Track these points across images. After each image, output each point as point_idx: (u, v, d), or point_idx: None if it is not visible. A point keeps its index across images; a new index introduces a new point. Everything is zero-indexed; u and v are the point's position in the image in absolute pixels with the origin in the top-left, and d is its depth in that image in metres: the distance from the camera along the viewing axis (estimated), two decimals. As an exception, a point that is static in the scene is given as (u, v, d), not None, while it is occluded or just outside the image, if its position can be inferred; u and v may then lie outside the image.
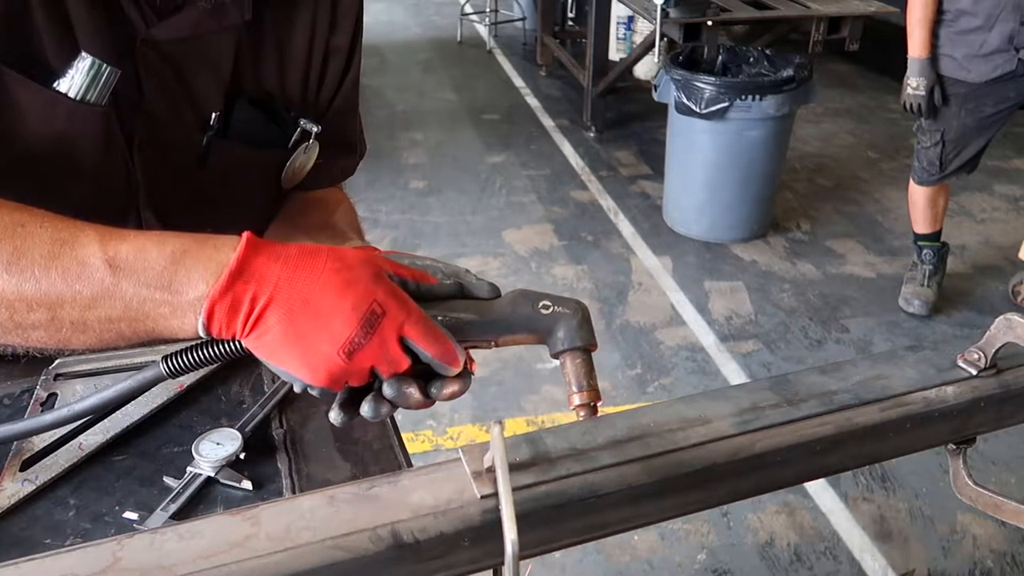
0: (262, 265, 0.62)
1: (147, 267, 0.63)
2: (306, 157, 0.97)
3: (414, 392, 0.66)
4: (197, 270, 0.62)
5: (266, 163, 0.96)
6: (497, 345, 0.70)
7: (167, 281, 0.62)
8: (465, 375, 0.68)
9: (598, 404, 0.69)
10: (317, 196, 1.06)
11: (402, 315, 0.63)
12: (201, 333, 0.63)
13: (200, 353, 0.65)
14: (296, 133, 0.95)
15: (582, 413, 0.68)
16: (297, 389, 0.65)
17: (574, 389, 0.68)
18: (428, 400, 0.67)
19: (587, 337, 0.69)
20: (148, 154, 0.87)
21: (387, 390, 0.65)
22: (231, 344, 0.64)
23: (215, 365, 0.67)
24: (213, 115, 0.88)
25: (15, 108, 0.76)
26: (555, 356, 0.70)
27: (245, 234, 0.63)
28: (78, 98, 0.77)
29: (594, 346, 0.70)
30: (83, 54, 0.76)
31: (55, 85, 0.77)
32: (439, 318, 0.67)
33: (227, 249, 0.63)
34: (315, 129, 0.95)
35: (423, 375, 0.67)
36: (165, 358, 0.66)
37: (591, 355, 0.70)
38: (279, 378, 0.76)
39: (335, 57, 0.97)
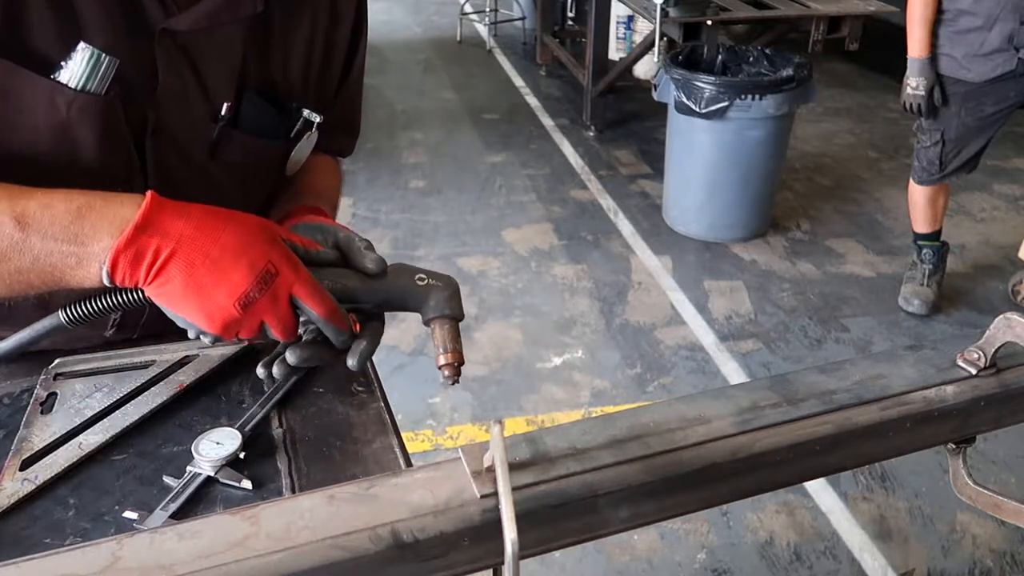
0: (167, 221, 0.68)
1: (54, 222, 0.69)
2: (308, 145, 1.00)
3: (316, 353, 0.77)
4: (103, 224, 0.68)
5: (272, 153, 0.98)
6: (378, 310, 0.79)
7: (74, 234, 0.68)
8: (374, 330, 0.78)
9: (461, 366, 0.76)
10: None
11: (292, 275, 0.71)
12: (105, 282, 0.68)
13: (101, 302, 0.71)
14: (299, 123, 0.97)
15: (446, 372, 0.75)
16: (191, 335, 0.72)
17: (440, 351, 0.75)
18: (332, 354, 0.78)
19: (455, 309, 0.77)
20: (160, 144, 0.88)
21: (291, 357, 0.77)
22: (133, 293, 0.70)
23: (115, 315, 0.74)
24: (224, 106, 0.89)
25: (14, 99, 0.77)
26: (426, 323, 0.77)
27: (149, 192, 0.69)
28: (78, 88, 0.78)
29: (461, 317, 0.77)
30: (82, 44, 0.77)
31: (55, 76, 0.77)
32: (325, 283, 0.74)
33: (132, 205, 0.69)
34: (317, 119, 0.97)
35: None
36: (64, 306, 0.72)
37: (457, 324, 0.77)
38: (278, 378, 0.80)
39: (337, 49, 0.99)
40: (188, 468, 0.81)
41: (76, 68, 0.77)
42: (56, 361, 0.94)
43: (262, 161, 0.98)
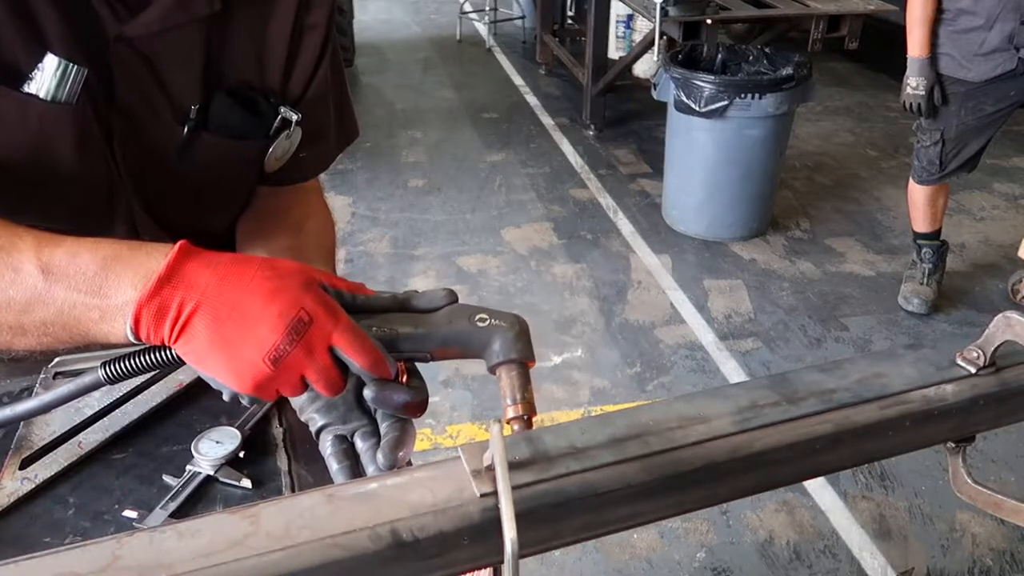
0: (192, 271, 0.62)
1: (78, 272, 0.64)
2: (289, 143, 0.97)
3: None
4: (127, 275, 0.63)
5: (248, 152, 0.96)
6: (434, 358, 0.69)
7: (97, 286, 0.63)
8: (419, 388, 0.70)
9: (533, 418, 0.67)
10: (291, 216, 1.05)
11: (330, 324, 0.63)
12: (130, 338, 0.63)
13: (136, 360, 0.65)
14: (277, 121, 0.95)
15: (516, 426, 0.66)
16: (226, 397, 0.65)
17: (508, 402, 0.66)
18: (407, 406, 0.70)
19: (524, 350, 0.68)
20: (129, 149, 0.87)
21: (382, 460, 0.71)
22: (165, 352, 0.64)
23: (157, 372, 0.67)
24: (192, 108, 0.88)
25: None
26: (491, 370, 0.69)
27: (180, 242, 0.64)
28: (49, 99, 0.77)
29: (531, 360, 0.69)
30: (49, 55, 0.76)
31: (24, 88, 0.77)
32: (372, 329, 0.66)
33: (159, 255, 0.63)
34: (295, 117, 0.95)
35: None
36: (103, 364, 0.66)
37: (528, 369, 0.68)
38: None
39: (309, 36, 0.95)
40: (188, 467, 0.81)
41: (45, 79, 0.77)
42: (56, 360, 0.93)
43: (237, 161, 0.96)
